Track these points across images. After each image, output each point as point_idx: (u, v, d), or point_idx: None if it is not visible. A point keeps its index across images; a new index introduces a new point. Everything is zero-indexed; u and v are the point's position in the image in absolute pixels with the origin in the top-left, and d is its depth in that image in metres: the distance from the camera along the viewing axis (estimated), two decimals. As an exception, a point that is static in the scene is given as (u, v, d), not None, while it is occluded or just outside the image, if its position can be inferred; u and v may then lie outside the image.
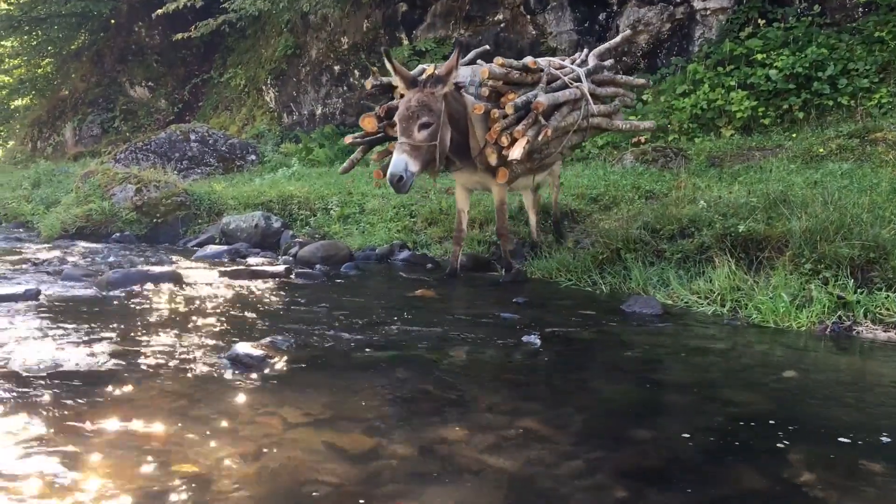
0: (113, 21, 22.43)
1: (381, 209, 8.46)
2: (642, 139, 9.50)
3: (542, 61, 5.51)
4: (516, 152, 4.82)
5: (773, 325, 4.05)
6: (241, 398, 2.59)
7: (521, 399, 2.70)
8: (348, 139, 5.72)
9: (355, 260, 6.71)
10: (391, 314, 4.26)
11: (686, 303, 4.60)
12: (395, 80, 5.02)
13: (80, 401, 2.51)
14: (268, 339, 3.34)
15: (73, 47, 23.77)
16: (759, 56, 9.59)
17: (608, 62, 6.19)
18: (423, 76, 4.95)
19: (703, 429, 2.39)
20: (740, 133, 9.26)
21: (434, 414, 2.50)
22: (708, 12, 10.75)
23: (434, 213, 7.82)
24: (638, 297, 4.56)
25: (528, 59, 5.21)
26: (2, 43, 23.89)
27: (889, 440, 2.31)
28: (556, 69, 5.59)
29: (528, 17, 12.43)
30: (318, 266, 6.13)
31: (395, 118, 4.87)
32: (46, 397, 2.52)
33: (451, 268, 5.79)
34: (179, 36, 16.72)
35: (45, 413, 2.37)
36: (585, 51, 6.36)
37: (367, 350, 3.35)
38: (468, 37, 13.00)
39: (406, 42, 14.04)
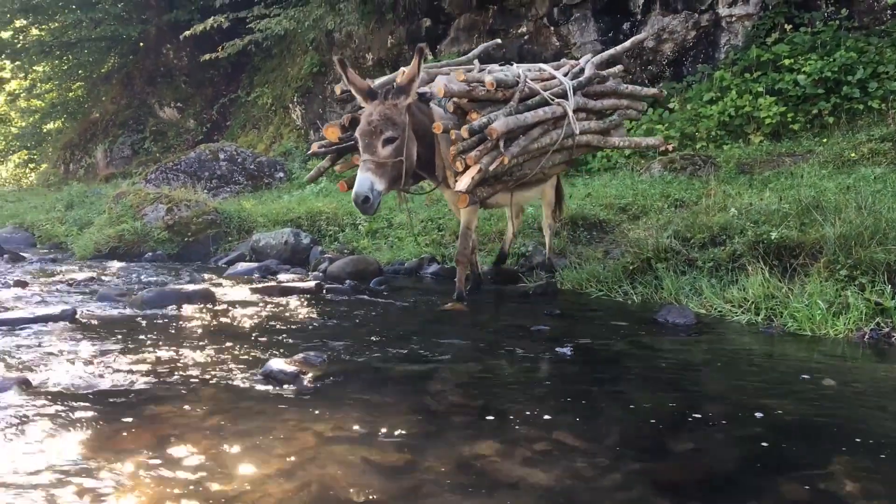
0: (142, 44, 22.82)
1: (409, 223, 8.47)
2: (670, 147, 9.45)
3: (526, 70, 5.17)
4: (463, 183, 4.50)
5: (809, 333, 4.00)
6: (276, 414, 2.60)
7: (555, 411, 2.68)
8: (314, 147, 5.45)
9: (384, 274, 6.73)
10: (422, 328, 4.26)
11: (720, 312, 4.55)
12: (353, 92, 4.66)
13: (116, 419, 2.53)
14: (301, 354, 3.35)
15: (103, 71, 24.22)
16: (787, 61, 9.51)
17: (615, 69, 5.82)
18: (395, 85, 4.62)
19: (742, 439, 2.36)
20: (769, 139, 9.18)
21: (468, 428, 2.50)
22: (733, 19, 10.69)
23: (462, 226, 7.82)
24: (671, 307, 4.52)
25: (488, 78, 4.75)
26: (34, 68, 24.36)
27: (934, 449, 2.27)
28: (544, 80, 5.24)
29: (552, 28, 12.44)
30: (347, 281, 6.16)
31: (357, 133, 4.55)
32: (83, 416, 2.54)
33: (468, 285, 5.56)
34: (207, 57, 16.95)
35: (81, 432, 2.40)
36: (587, 57, 5.88)
37: (399, 364, 3.35)
38: (491, 50, 13.02)
39: (431, 57, 14.10)
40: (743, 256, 4.92)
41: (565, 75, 5.40)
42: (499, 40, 6.62)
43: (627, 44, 6.23)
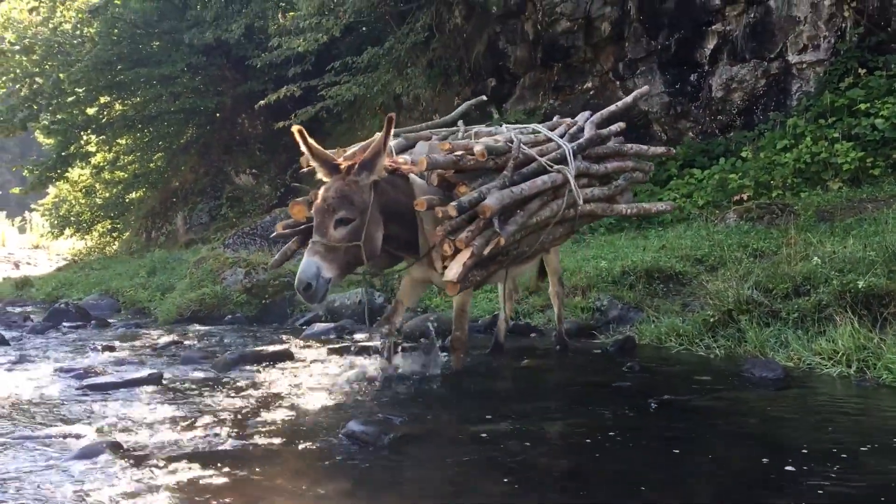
0: (218, 115, 23.69)
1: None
2: (745, 196, 9.28)
3: (519, 133, 4.61)
4: (453, 272, 3.78)
5: (906, 386, 3.81)
6: (360, 474, 2.61)
7: (644, 471, 2.61)
8: (279, 227, 4.63)
9: (459, 332, 6.70)
10: (500, 385, 4.24)
11: (809, 364, 4.38)
12: (315, 166, 4.17)
13: (204, 481, 2.57)
14: (381, 414, 3.37)
15: (182, 141, 25.18)
16: (863, 106, 9.28)
17: (615, 126, 5.17)
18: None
19: (846, 500, 2.25)
20: (848, 185, 8.91)
21: (555, 488, 2.45)
22: (804, 65, 10.52)
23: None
24: (756, 360, 4.39)
25: (478, 148, 4.04)
26: (118, 141, 25.50)
27: None
28: (540, 143, 4.64)
29: (617, 83, 12.45)
30: (422, 339, 6.16)
31: (311, 211, 4.00)
32: (173, 479, 2.60)
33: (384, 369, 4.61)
34: (280, 124, 17.42)
35: (171, 494, 2.45)
36: (585, 114, 5.23)
37: (480, 423, 3.33)
38: (557, 106, 13.11)
39: (496, 115, 14.28)
40: (829, 306, 4.75)
41: (562, 137, 4.80)
42: (484, 97, 6.35)
43: (629, 99, 5.53)
